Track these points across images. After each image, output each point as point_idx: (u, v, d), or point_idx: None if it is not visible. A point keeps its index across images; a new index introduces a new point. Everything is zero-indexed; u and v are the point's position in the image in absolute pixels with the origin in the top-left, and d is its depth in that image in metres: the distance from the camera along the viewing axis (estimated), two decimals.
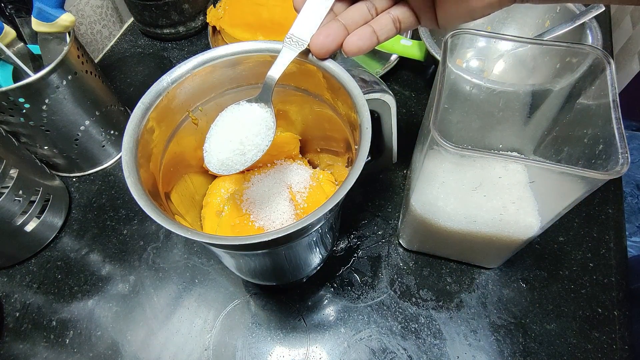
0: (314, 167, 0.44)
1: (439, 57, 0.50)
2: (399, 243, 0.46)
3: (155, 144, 0.33)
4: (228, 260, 0.36)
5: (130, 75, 0.65)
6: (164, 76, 0.33)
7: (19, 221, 0.43)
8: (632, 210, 1.05)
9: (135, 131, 0.30)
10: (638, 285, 0.60)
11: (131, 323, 0.42)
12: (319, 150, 0.43)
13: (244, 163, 0.30)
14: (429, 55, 0.54)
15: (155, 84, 0.33)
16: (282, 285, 0.44)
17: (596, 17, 0.48)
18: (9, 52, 0.43)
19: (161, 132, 0.34)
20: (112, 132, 0.53)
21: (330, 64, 0.33)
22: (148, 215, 0.26)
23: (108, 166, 0.54)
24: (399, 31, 0.29)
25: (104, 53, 0.68)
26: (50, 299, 0.44)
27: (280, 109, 0.41)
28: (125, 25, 0.72)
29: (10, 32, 0.43)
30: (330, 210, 0.26)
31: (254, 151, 0.30)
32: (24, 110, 0.42)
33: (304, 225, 0.25)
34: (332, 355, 0.40)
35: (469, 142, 0.44)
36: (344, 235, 0.47)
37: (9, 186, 0.41)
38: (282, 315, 0.43)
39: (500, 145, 0.43)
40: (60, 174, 0.53)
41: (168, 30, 0.67)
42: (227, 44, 0.44)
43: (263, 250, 0.31)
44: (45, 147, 0.48)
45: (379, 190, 0.51)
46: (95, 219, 0.50)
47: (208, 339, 0.41)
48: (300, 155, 0.44)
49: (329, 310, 0.43)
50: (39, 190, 0.45)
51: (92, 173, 0.54)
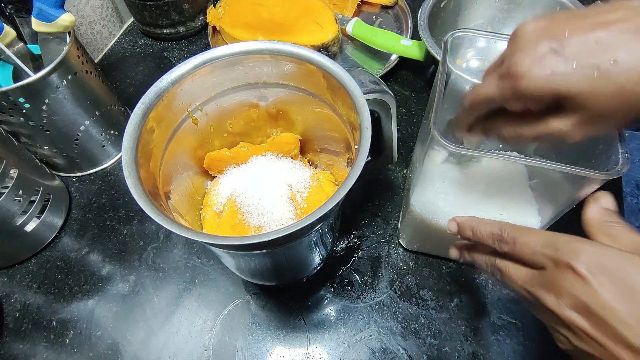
0: (314, 167, 0.44)
1: (439, 57, 0.50)
2: (399, 243, 0.46)
3: (155, 144, 0.33)
4: (228, 260, 0.36)
5: (130, 75, 0.65)
6: (164, 76, 0.33)
7: (19, 221, 0.43)
8: (632, 210, 1.04)
9: (135, 131, 0.30)
10: None
11: (131, 323, 0.42)
12: (319, 150, 0.43)
13: None
14: (429, 55, 0.54)
15: (155, 84, 0.33)
16: (282, 285, 0.44)
17: None
18: (9, 52, 0.43)
19: (161, 132, 0.34)
20: (112, 132, 0.53)
21: (330, 64, 0.33)
22: (148, 215, 0.26)
23: (108, 166, 0.54)
24: None
25: (104, 53, 0.68)
26: (50, 299, 0.44)
27: (280, 109, 0.41)
28: (125, 25, 0.72)
29: (10, 32, 0.43)
30: (330, 210, 0.26)
31: None
32: (24, 110, 0.42)
33: (304, 225, 0.25)
34: (332, 355, 0.40)
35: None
36: (344, 235, 0.47)
37: (9, 186, 0.41)
38: (282, 315, 0.43)
39: (501, 146, 0.43)
40: (60, 174, 0.53)
41: (168, 30, 0.67)
42: (227, 44, 0.44)
43: (263, 250, 0.31)
44: (45, 147, 0.48)
45: (379, 190, 0.51)
46: (95, 219, 0.50)
47: (208, 339, 0.41)
48: (300, 155, 0.44)
49: (329, 310, 0.43)
50: (39, 190, 0.45)
51: (92, 173, 0.54)
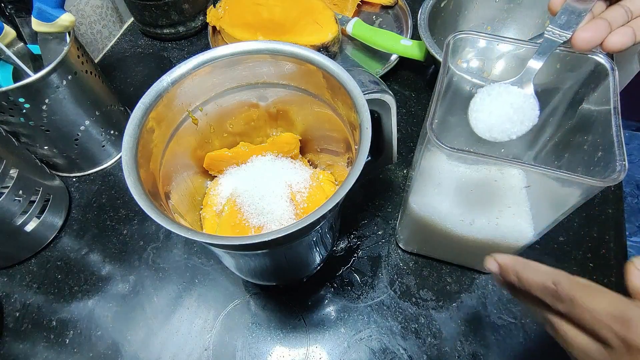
0: (314, 167, 0.44)
1: (439, 57, 0.50)
2: (397, 244, 0.46)
3: (155, 144, 0.33)
4: (228, 260, 0.36)
5: (130, 75, 0.65)
6: (164, 76, 0.33)
7: (19, 221, 0.43)
8: (632, 210, 1.05)
9: (135, 131, 0.30)
10: None
11: (131, 323, 0.42)
12: (319, 150, 0.43)
13: (510, 135, 0.31)
14: (429, 55, 0.54)
15: (155, 84, 0.33)
16: (282, 285, 0.44)
17: None
18: (9, 52, 0.43)
19: (161, 132, 0.34)
20: (112, 132, 0.53)
21: (330, 64, 0.33)
22: (148, 215, 0.26)
23: (108, 166, 0.54)
24: None
25: (104, 53, 0.68)
26: (50, 299, 0.44)
27: (280, 109, 0.41)
28: (125, 25, 0.72)
29: (10, 32, 0.43)
30: (330, 210, 0.26)
31: (522, 126, 0.31)
32: (24, 110, 0.42)
33: (304, 225, 0.25)
34: (332, 355, 0.40)
35: (469, 146, 0.44)
36: (344, 235, 0.47)
37: (9, 186, 0.41)
38: (282, 315, 0.43)
39: (502, 150, 0.43)
40: (60, 174, 0.53)
41: (168, 30, 0.67)
42: (227, 44, 0.44)
43: (263, 250, 0.31)
44: (45, 147, 0.48)
45: (379, 190, 0.51)
46: (95, 219, 0.50)
47: (208, 339, 0.41)
48: (300, 155, 0.44)
49: (329, 310, 0.43)
50: (39, 190, 0.45)
51: (92, 173, 0.54)
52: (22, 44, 0.45)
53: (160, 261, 0.46)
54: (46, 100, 0.43)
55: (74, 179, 0.53)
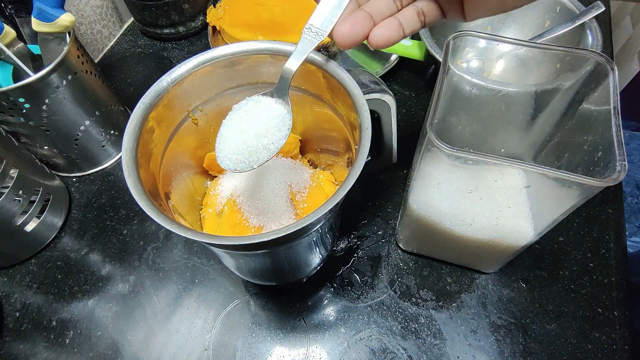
0: (314, 167, 0.44)
1: (439, 57, 0.50)
2: (397, 244, 0.46)
3: (155, 144, 0.33)
4: (228, 260, 0.36)
5: (130, 75, 0.65)
6: (164, 76, 0.33)
7: (19, 221, 0.43)
8: (632, 210, 1.05)
9: (135, 131, 0.30)
10: (638, 279, 0.60)
11: (131, 323, 0.42)
12: (319, 150, 0.43)
13: (258, 160, 0.29)
14: (429, 55, 0.54)
15: (155, 84, 0.33)
16: (282, 285, 0.44)
17: (596, 17, 0.48)
18: (9, 52, 0.43)
19: (161, 132, 0.34)
20: (112, 132, 0.53)
21: (330, 64, 0.33)
22: (148, 215, 0.26)
23: (108, 166, 0.54)
24: (424, 25, 0.28)
25: (104, 53, 0.68)
26: (50, 299, 0.44)
27: None
28: (125, 25, 0.72)
29: (10, 32, 0.43)
30: (330, 210, 0.26)
31: (270, 147, 0.29)
32: (24, 110, 0.42)
33: (304, 225, 0.25)
34: (332, 355, 0.40)
35: (469, 146, 0.44)
36: (344, 235, 0.47)
37: (9, 186, 0.41)
38: (282, 315, 0.43)
39: (502, 150, 0.43)
40: (60, 174, 0.53)
41: (168, 30, 0.67)
42: (227, 44, 0.44)
43: (263, 250, 0.31)
44: (45, 147, 0.48)
45: (379, 190, 0.51)
46: (95, 219, 0.50)
47: (208, 339, 0.41)
48: (300, 155, 0.44)
49: (329, 310, 0.43)
50: (39, 190, 0.45)
51: (92, 173, 0.54)
52: (22, 44, 0.45)
53: (160, 261, 0.46)
54: (46, 100, 0.43)
55: (74, 179, 0.53)
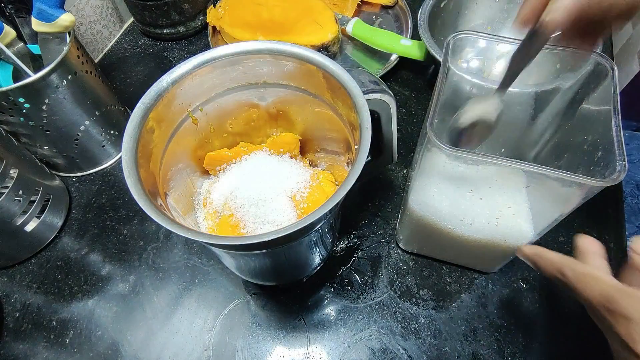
0: (314, 167, 0.44)
1: (439, 57, 0.50)
2: (397, 244, 0.46)
3: (155, 144, 0.33)
4: (228, 260, 0.36)
5: (130, 75, 0.65)
6: (164, 76, 0.33)
7: (19, 221, 0.43)
8: (632, 210, 1.04)
9: (135, 131, 0.30)
10: None
11: (131, 323, 0.42)
12: (319, 150, 0.43)
13: None
14: (429, 55, 0.54)
15: (155, 84, 0.33)
16: (282, 285, 0.44)
17: None
18: (9, 52, 0.43)
19: (161, 132, 0.34)
20: (112, 132, 0.53)
21: (330, 64, 0.33)
22: (148, 215, 0.26)
23: (108, 166, 0.54)
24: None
25: (104, 53, 0.68)
26: (50, 299, 0.44)
27: (280, 109, 0.41)
28: (125, 25, 0.72)
29: (10, 32, 0.43)
30: (330, 210, 0.26)
31: None
32: (24, 110, 0.42)
33: (304, 225, 0.25)
34: (332, 355, 0.40)
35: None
36: (344, 235, 0.47)
37: (9, 186, 0.41)
38: (282, 315, 0.43)
39: (503, 150, 0.43)
40: (60, 174, 0.53)
41: (168, 30, 0.67)
42: (227, 44, 0.44)
43: (263, 250, 0.31)
44: (45, 147, 0.48)
45: (379, 190, 0.51)
46: (95, 219, 0.50)
47: (208, 339, 0.41)
48: (300, 155, 0.44)
49: (329, 310, 0.43)
50: (39, 190, 0.45)
51: (92, 173, 0.54)
52: (22, 44, 0.45)
53: (160, 261, 0.46)
54: (46, 100, 0.43)
55: (74, 179, 0.53)
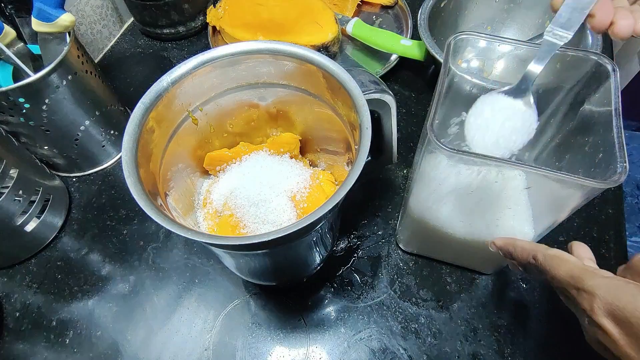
0: (314, 167, 0.44)
1: (439, 57, 0.50)
2: (397, 245, 0.46)
3: (155, 144, 0.33)
4: (228, 260, 0.36)
5: (130, 75, 0.65)
6: (164, 76, 0.33)
7: (19, 221, 0.43)
8: (632, 210, 1.04)
9: (135, 131, 0.30)
10: None
11: (131, 323, 0.42)
12: (319, 150, 0.43)
13: (508, 151, 0.31)
14: (429, 55, 0.54)
15: (155, 84, 0.33)
16: (282, 285, 0.44)
17: None
18: (9, 52, 0.43)
19: (161, 132, 0.34)
20: (112, 132, 0.53)
21: (330, 64, 0.33)
22: (148, 215, 0.26)
23: (108, 166, 0.54)
24: None
25: (104, 53, 0.68)
26: (50, 299, 0.44)
27: (280, 109, 0.41)
28: (125, 25, 0.72)
29: (10, 32, 0.43)
30: (330, 210, 0.26)
31: (519, 141, 0.31)
32: (24, 110, 0.42)
33: (304, 225, 0.25)
34: (332, 355, 0.40)
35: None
36: (344, 235, 0.47)
37: (9, 186, 0.41)
38: (282, 315, 0.43)
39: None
40: (60, 174, 0.53)
41: (168, 30, 0.67)
42: (227, 44, 0.44)
43: (263, 250, 0.31)
44: (45, 147, 0.48)
45: (379, 190, 0.51)
46: (95, 219, 0.50)
47: (208, 339, 0.41)
48: (300, 155, 0.44)
49: (329, 310, 0.43)
50: (39, 190, 0.45)
51: (92, 173, 0.54)
52: (22, 44, 0.45)
53: (160, 261, 0.46)
54: (46, 100, 0.43)
55: (74, 179, 0.53)
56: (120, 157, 0.29)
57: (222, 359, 0.40)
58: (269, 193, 0.38)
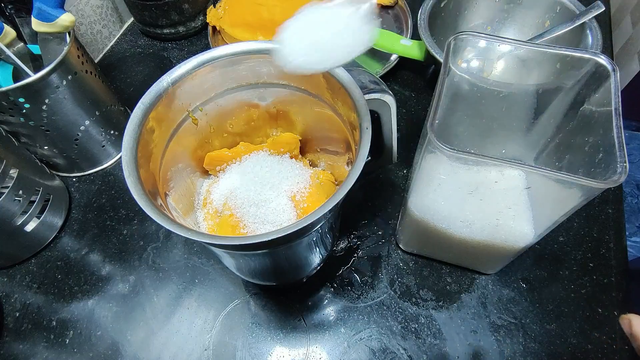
0: (314, 167, 0.44)
1: (439, 57, 0.50)
2: (397, 245, 0.46)
3: (155, 144, 0.33)
4: (228, 260, 0.36)
5: (130, 75, 0.65)
6: (164, 76, 0.33)
7: (19, 221, 0.43)
8: (632, 210, 1.04)
9: (135, 131, 0.30)
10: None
11: (131, 323, 0.42)
12: (319, 150, 0.43)
13: (331, 61, 0.26)
14: (429, 55, 0.54)
15: (155, 84, 0.33)
16: (282, 285, 0.44)
17: (596, 17, 0.48)
18: (9, 52, 0.43)
19: (161, 132, 0.34)
20: (112, 132, 0.53)
21: None
22: (148, 215, 0.26)
23: (108, 166, 0.54)
24: None
25: (104, 53, 0.68)
26: (50, 299, 0.44)
27: (280, 109, 0.41)
28: (125, 25, 0.72)
29: (10, 32, 0.43)
30: (330, 210, 0.26)
31: (344, 51, 0.25)
32: (24, 110, 0.42)
33: (304, 225, 0.25)
34: (332, 355, 0.40)
35: (470, 147, 0.44)
36: (344, 235, 0.47)
37: (9, 186, 0.41)
38: (282, 315, 0.43)
39: (503, 151, 0.43)
40: (60, 174, 0.53)
41: (168, 30, 0.67)
42: (227, 44, 0.44)
43: (263, 250, 0.31)
44: (45, 147, 0.48)
45: (379, 190, 0.51)
46: (95, 219, 0.50)
47: (208, 339, 0.41)
48: (300, 155, 0.44)
49: (329, 310, 0.43)
50: (39, 190, 0.45)
51: (92, 173, 0.54)
52: (22, 44, 0.45)
53: (160, 261, 0.46)
54: (46, 100, 0.43)
55: (74, 179, 0.53)
56: (120, 157, 0.29)
57: (222, 359, 0.40)
58: (269, 193, 0.38)
